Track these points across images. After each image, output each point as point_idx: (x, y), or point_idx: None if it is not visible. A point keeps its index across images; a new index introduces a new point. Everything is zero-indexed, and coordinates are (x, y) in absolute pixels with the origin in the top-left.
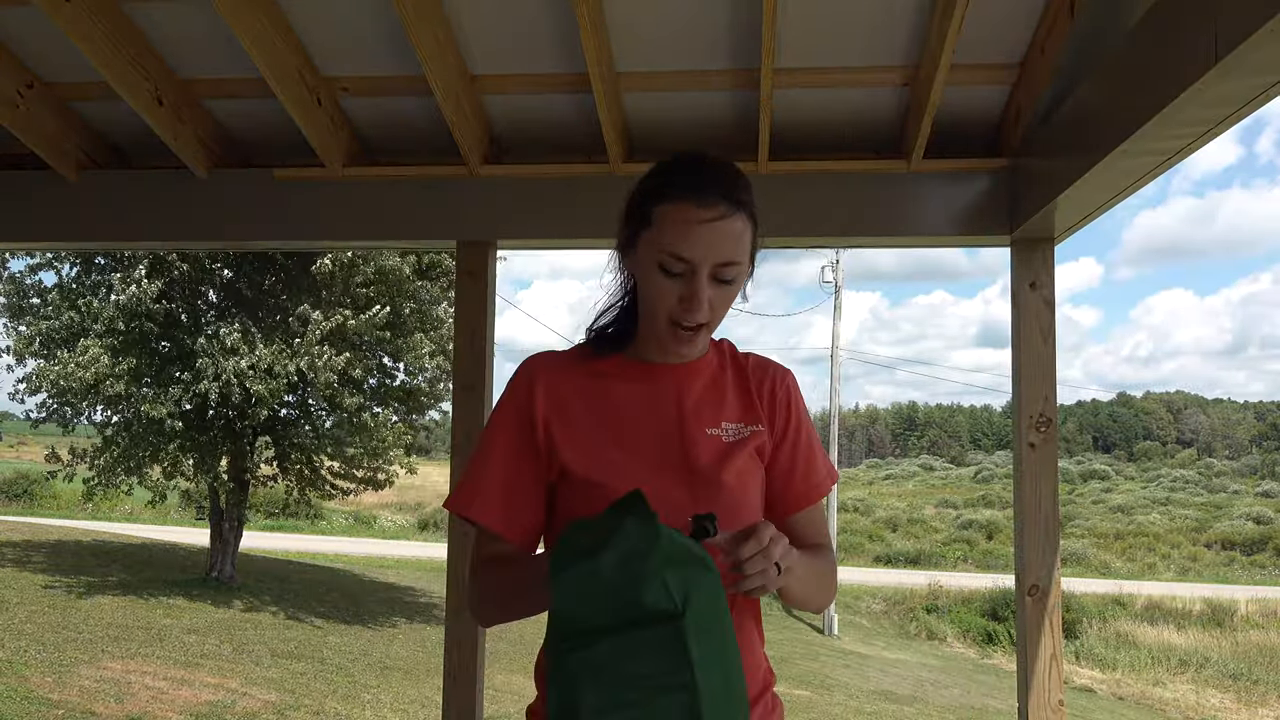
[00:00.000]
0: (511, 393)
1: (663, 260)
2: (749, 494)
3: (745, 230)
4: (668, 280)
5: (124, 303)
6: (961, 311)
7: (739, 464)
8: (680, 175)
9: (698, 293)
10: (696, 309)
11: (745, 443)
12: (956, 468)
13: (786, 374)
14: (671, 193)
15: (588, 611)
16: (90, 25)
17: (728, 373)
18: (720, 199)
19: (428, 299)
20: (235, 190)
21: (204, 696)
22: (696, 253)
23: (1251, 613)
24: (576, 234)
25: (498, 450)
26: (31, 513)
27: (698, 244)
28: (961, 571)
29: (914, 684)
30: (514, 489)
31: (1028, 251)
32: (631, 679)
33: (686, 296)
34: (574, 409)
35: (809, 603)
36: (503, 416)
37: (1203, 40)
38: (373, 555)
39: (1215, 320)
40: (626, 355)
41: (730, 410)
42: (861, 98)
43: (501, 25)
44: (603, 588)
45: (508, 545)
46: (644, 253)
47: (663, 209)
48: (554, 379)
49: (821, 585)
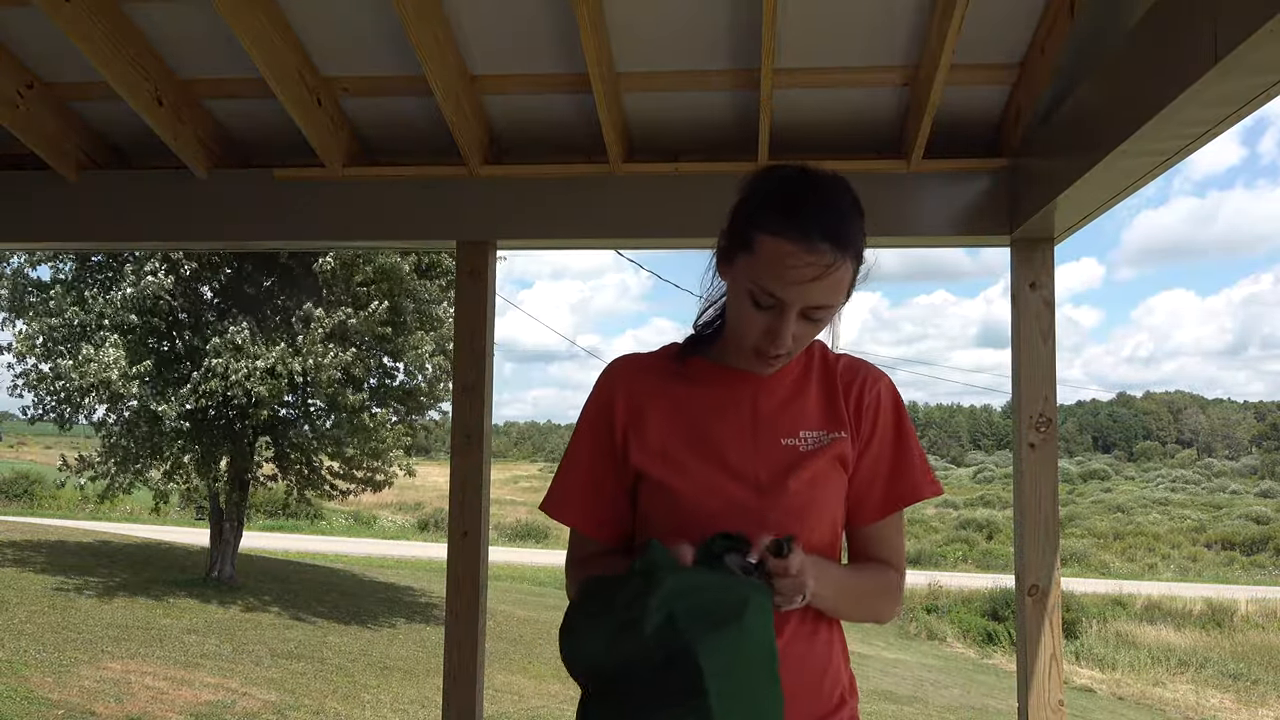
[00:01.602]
0: (595, 396)
1: (755, 291)
2: (821, 503)
3: (847, 274)
4: (755, 311)
5: (135, 296)
6: (963, 311)
7: (811, 473)
8: (788, 204)
9: (782, 331)
10: (779, 346)
11: (823, 451)
12: (956, 468)
13: (880, 379)
14: (776, 225)
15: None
16: (90, 25)
17: (813, 377)
18: (826, 242)
19: (427, 298)
20: (235, 190)
21: (204, 696)
22: (790, 295)
23: (1251, 613)
24: (576, 234)
25: (582, 453)
26: (32, 513)
27: (790, 286)
28: (961, 571)
29: (914, 684)
30: (599, 491)
31: (1028, 251)
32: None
33: (772, 331)
34: (650, 414)
35: (847, 617)
36: (586, 420)
37: (1203, 40)
38: (373, 555)
39: (1216, 320)
40: (710, 358)
41: (811, 418)
42: (861, 98)
43: (501, 25)
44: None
45: (597, 544)
46: (739, 274)
47: (764, 240)
48: (634, 383)
49: (862, 605)
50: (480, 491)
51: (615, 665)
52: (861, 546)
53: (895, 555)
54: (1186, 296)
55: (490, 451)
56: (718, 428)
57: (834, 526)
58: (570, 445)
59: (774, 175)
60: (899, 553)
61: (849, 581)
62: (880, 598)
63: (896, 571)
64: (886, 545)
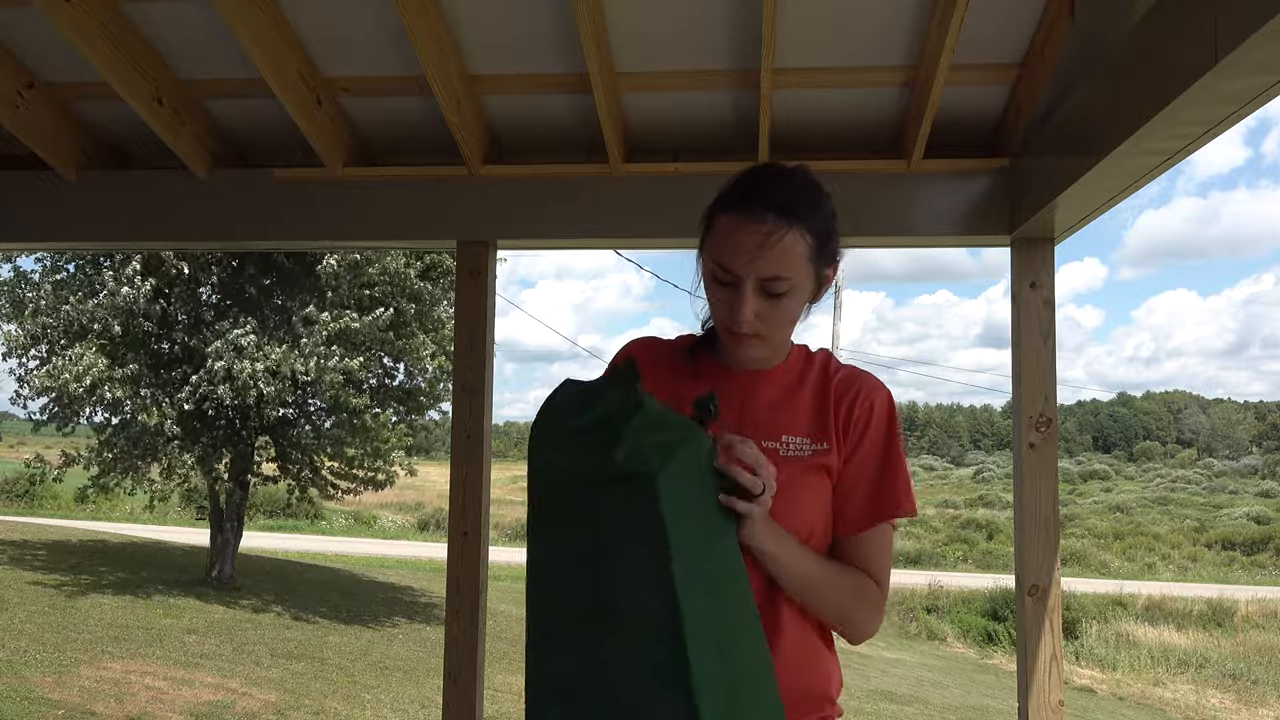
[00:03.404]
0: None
1: (715, 270)
2: (793, 509)
3: (797, 244)
4: (719, 289)
5: (117, 304)
6: (965, 311)
7: (786, 477)
8: (739, 185)
9: (740, 304)
10: (740, 320)
11: (804, 459)
12: (956, 468)
13: (876, 392)
14: (728, 203)
15: (564, 464)
16: (90, 25)
17: (808, 385)
18: (770, 211)
19: (429, 299)
20: (235, 190)
21: (204, 696)
22: (738, 264)
23: (1251, 613)
24: (576, 234)
25: None
26: (31, 513)
27: (739, 256)
28: (961, 571)
29: (914, 684)
30: None
31: (1028, 251)
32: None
33: (734, 307)
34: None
35: (815, 606)
36: None
37: (1203, 40)
38: (373, 555)
39: (1217, 320)
40: (715, 357)
41: (798, 425)
42: (861, 98)
43: (501, 25)
44: (580, 445)
45: None
46: (705, 259)
47: (720, 219)
48: (651, 372)
49: (830, 598)
50: (480, 492)
51: (576, 476)
52: (841, 559)
53: (875, 569)
54: (1188, 297)
55: (490, 452)
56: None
57: (812, 536)
58: None
59: (744, 170)
60: (881, 568)
61: (815, 564)
62: (854, 599)
63: (876, 584)
64: (865, 558)
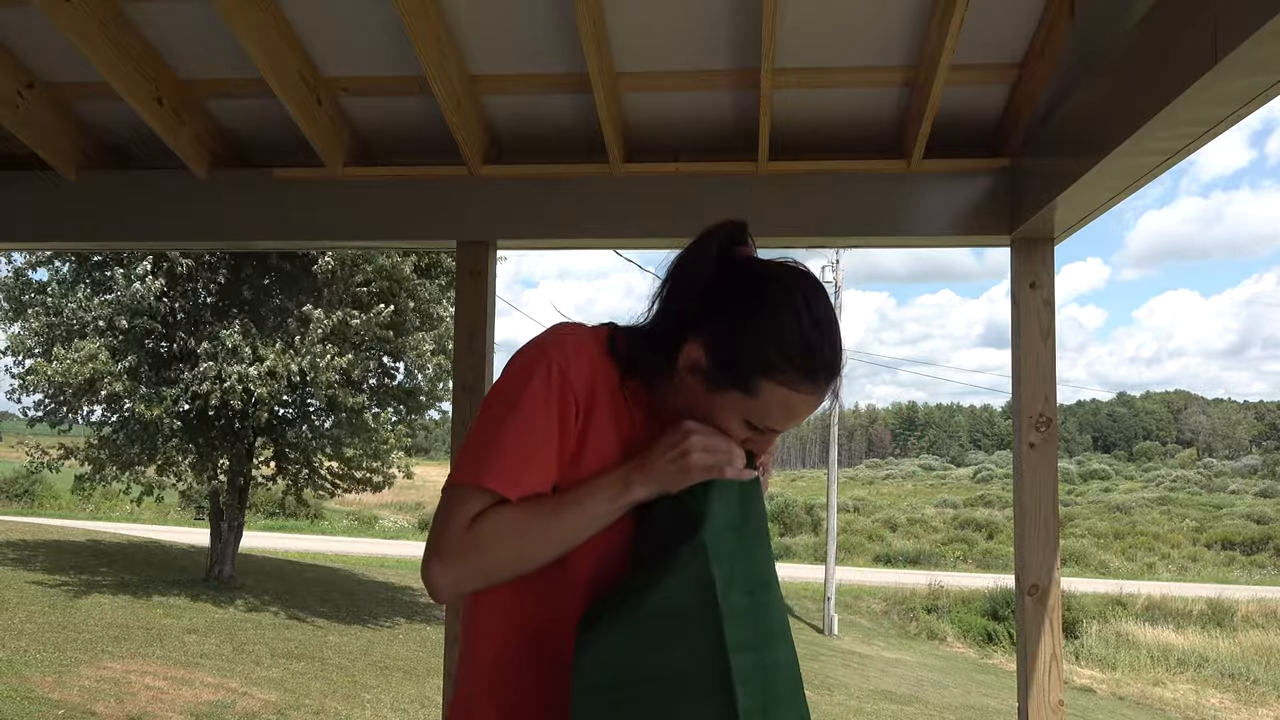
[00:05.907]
0: (554, 375)
1: (752, 420)
2: None
3: None
4: (744, 428)
5: (126, 300)
6: (967, 311)
7: None
8: (804, 361)
9: (764, 448)
10: (755, 458)
11: None
12: (956, 468)
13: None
14: (787, 378)
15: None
16: (90, 25)
17: None
18: (830, 381)
19: (427, 297)
20: (235, 190)
21: (204, 696)
22: (788, 426)
23: (1251, 613)
24: (576, 234)
25: (537, 427)
26: (31, 513)
27: (790, 420)
28: (961, 571)
29: (914, 684)
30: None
31: (1028, 251)
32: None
33: (755, 446)
34: (595, 427)
35: None
36: (539, 396)
37: (1203, 40)
38: (373, 555)
39: (1219, 320)
40: (646, 385)
41: None
42: (861, 98)
43: (501, 25)
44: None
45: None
46: (731, 401)
47: (770, 387)
48: (589, 380)
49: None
50: None
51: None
52: None
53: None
54: (1190, 297)
55: None
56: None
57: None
58: (512, 414)
59: (778, 320)
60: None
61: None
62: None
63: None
64: None
